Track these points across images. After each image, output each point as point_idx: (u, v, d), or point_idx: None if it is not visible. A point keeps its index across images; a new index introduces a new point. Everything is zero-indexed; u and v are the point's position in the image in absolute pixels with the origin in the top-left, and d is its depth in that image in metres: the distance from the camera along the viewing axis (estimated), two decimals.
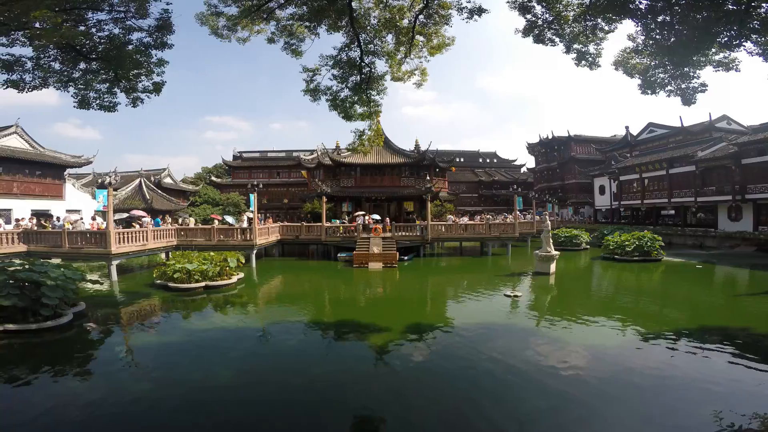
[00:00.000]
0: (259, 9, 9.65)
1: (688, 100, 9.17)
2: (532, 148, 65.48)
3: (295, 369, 8.68)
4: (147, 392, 7.45)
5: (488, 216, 38.27)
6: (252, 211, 24.23)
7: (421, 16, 10.21)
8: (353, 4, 9.95)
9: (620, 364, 8.50)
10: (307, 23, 10.15)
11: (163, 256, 23.03)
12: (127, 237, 19.03)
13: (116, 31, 9.43)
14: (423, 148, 40.55)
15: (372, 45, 10.80)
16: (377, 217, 30.48)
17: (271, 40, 10.46)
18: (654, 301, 15.54)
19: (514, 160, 74.58)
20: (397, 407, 6.99)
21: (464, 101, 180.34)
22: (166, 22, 9.37)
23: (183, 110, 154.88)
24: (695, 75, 8.84)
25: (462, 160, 68.67)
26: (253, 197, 23.24)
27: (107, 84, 9.84)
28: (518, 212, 32.02)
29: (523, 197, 42.09)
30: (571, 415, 6.52)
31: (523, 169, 72.30)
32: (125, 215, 29.23)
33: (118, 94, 10.00)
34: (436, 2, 9.95)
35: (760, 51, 7.85)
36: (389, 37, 10.76)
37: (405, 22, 10.41)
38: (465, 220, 35.06)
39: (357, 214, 31.67)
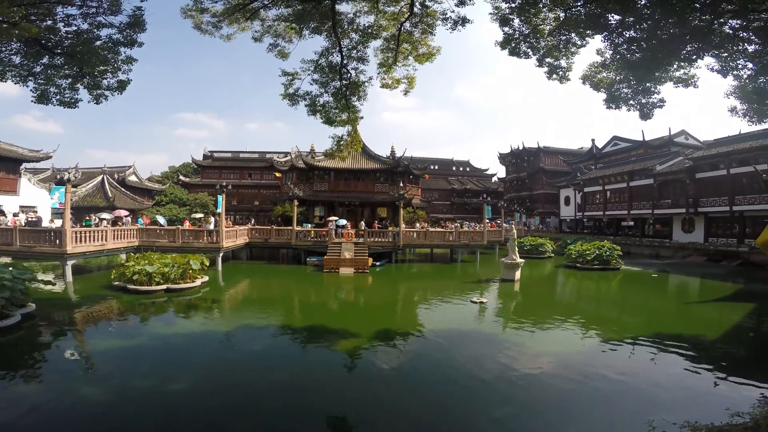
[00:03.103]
0: (244, 8, 9.55)
1: (646, 114, 9.62)
2: (503, 158, 67.19)
3: (261, 374, 8.52)
4: (99, 398, 7.13)
5: (456, 224, 38.87)
6: (218, 213, 23.68)
7: (407, 24, 10.35)
8: (341, 8, 10.00)
9: (575, 372, 8.74)
10: (293, 25, 10.12)
11: (123, 256, 22.13)
12: (85, 236, 18.18)
13: (85, 26, 9.14)
14: (398, 154, 40.80)
15: (356, 51, 10.84)
16: (343, 221, 30.30)
17: (257, 39, 10.36)
18: (612, 308, 16.23)
19: (486, 170, 76.24)
20: (366, 413, 6.98)
21: (442, 109, 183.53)
22: (138, 20, 9.15)
23: (154, 106, 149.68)
24: (656, 90, 9.26)
25: (436, 167, 69.57)
26: (220, 198, 22.73)
27: (70, 80, 9.51)
28: (487, 221, 32.72)
29: (493, 206, 43.04)
30: (526, 421, 6.72)
31: (495, 179, 73.99)
32: (111, 215, 28.10)
33: (80, 90, 9.68)
34: (422, 11, 10.12)
35: (719, 67, 8.40)
36: (376, 43, 10.87)
37: (392, 29, 10.53)
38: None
39: (329, 219, 31.46)
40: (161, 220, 28.02)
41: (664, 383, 8.04)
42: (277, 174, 43.28)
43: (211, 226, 24.10)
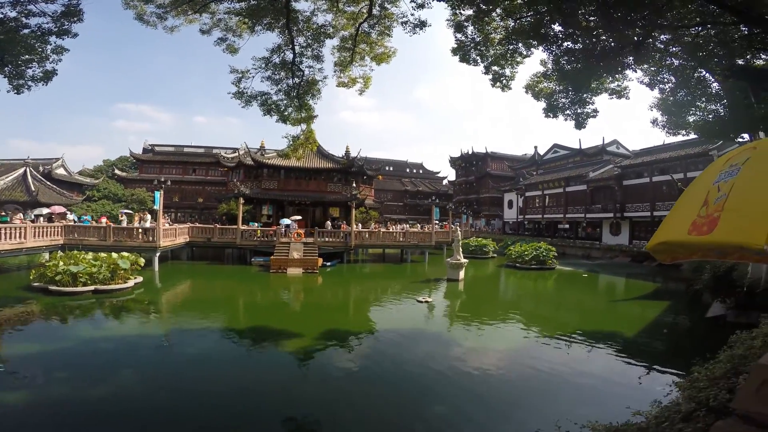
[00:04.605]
0: (193, 0, 9.14)
1: (580, 123, 10.23)
2: (454, 162, 69.15)
3: (201, 378, 8.19)
4: (18, 404, 6.60)
5: (404, 225, 39.53)
6: (155, 210, 22.32)
7: (365, 24, 10.39)
8: (298, 5, 9.88)
9: (509, 371, 9.18)
10: (246, 20, 9.83)
11: (46, 256, 20.27)
12: None
13: (12, 14, 8.35)
14: (354, 154, 40.52)
15: (311, 49, 10.73)
16: (289, 221, 29.47)
17: (205, 32, 9.97)
18: (546, 306, 17.27)
19: (438, 172, 78.16)
20: (318, 415, 6.89)
21: (401, 111, 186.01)
22: (74, 9, 8.49)
23: (91, 94, 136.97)
24: (591, 101, 9.88)
25: (391, 168, 70.32)
26: (158, 194, 21.46)
27: None
28: (436, 222, 33.57)
29: (442, 208, 44.22)
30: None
31: (445, 182, 75.97)
32: (46, 210, 25.34)
33: None
34: (381, 12, 10.21)
35: (648, 81, 9.21)
36: (332, 42, 10.81)
37: (350, 29, 10.53)
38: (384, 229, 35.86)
39: (293, 218, 30.23)
40: (71, 217, 25.71)
41: (583, 381, 8.55)
42: (228, 169, 41.58)
43: (148, 224, 22.69)
